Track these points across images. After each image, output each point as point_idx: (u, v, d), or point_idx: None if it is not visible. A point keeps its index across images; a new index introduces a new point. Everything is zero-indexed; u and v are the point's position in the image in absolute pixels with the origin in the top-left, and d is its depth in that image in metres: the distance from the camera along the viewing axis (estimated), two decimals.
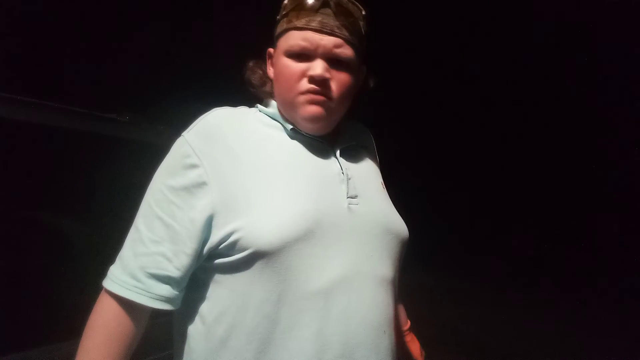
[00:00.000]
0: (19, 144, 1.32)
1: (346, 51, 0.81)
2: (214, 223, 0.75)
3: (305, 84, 0.80)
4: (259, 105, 0.92)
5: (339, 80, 0.81)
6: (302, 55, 0.80)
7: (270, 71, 0.89)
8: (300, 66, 0.80)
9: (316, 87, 0.80)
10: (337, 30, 0.79)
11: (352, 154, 0.92)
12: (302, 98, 0.80)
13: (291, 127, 0.85)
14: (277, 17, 0.86)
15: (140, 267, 0.75)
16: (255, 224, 0.72)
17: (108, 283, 0.77)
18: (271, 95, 0.90)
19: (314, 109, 0.81)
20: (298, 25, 0.80)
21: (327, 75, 0.79)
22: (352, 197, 0.83)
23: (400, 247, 0.88)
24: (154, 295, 0.75)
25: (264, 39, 0.91)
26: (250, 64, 0.95)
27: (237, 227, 0.73)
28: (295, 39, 0.80)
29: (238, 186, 0.75)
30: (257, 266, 0.72)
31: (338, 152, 0.88)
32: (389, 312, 0.81)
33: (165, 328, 0.87)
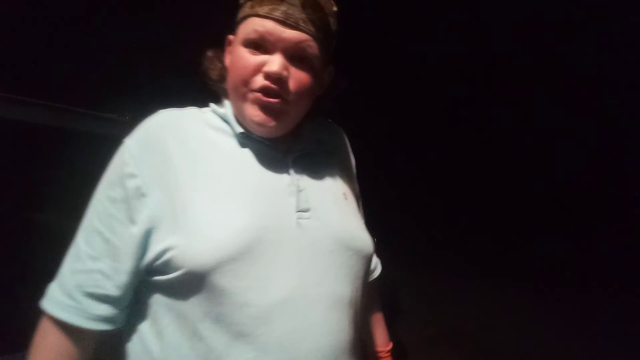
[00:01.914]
0: (19, 144, 1.32)
1: (310, 48, 0.72)
2: (152, 239, 0.68)
3: (258, 80, 0.71)
4: (212, 104, 0.82)
5: (297, 80, 0.72)
6: (261, 46, 0.71)
7: (228, 61, 0.79)
8: (256, 59, 0.71)
9: (270, 85, 0.70)
10: (302, 24, 0.70)
11: (311, 161, 0.81)
12: (253, 96, 0.71)
13: (241, 131, 0.76)
14: (240, 0, 0.76)
15: (77, 285, 0.70)
16: (189, 241, 0.66)
17: (45, 303, 0.71)
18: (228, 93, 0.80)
19: (263, 114, 0.72)
20: (260, 13, 0.70)
21: (285, 73, 0.70)
22: (302, 211, 0.74)
23: (361, 264, 0.78)
24: (92, 316, 0.69)
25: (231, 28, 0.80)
26: (209, 54, 0.83)
27: (171, 244, 0.66)
28: (254, 27, 0.70)
29: (176, 199, 0.69)
30: (193, 286, 0.66)
31: (291, 161, 0.78)
32: (345, 338, 0.72)
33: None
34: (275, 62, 0.70)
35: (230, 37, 0.78)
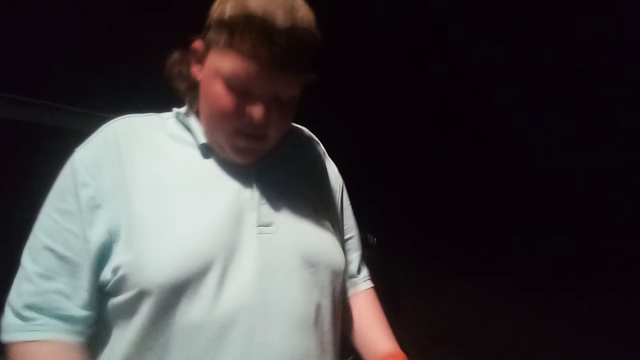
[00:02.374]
0: (19, 144, 1.32)
1: (293, 90, 0.67)
2: (108, 253, 0.65)
3: (240, 124, 0.66)
4: (175, 110, 0.76)
5: (280, 119, 0.68)
6: (241, 88, 0.64)
7: (196, 72, 0.71)
8: (236, 101, 0.64)
9: (253, 130, 0.66)
10: (287, 65, 0.62)
11: (277, 173, 0.76)
12: (234, 139, 0.67)
13: (203, 142, 0.71)
14: (215, 3, 0.67)
15: (30, 305, 0.64)
16: (140, 260, 0.62)
17: (5, 336, 0.64)
18: (195, 102, 0.73)
19: (246, 154, 0.69)
20: (241, 49, 0.61)
21: (267, 120, 0.65)
22: (263, 226, 0.69)
23: (330, 280, 0.73)
24: (58, 329, 0.64)
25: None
26: (175, 57, 0.75)
27: (123, 261, 0.63)
28: (236, 69, 0.62)
29: (130, 212, 0.64)
30: (144, 307, 0.62)
31: (254, 173, 0.73)
32: None
33: None
34: (258, 110, 0.64)
35: (197, 46, 0.69)
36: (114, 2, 2.25)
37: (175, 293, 0.62)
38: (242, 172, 0.73)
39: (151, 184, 0.67)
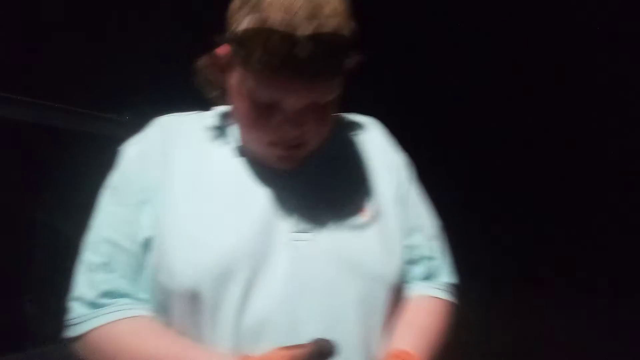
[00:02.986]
0: (19, 144, 1.32)
1: (327, 96, 0.60)
2: (149, 249, 0.65)
3: (274, 136, 0.61)
4: (216, 109, 0.75)
5: (318, 126, 0.62)
6: (270, 102, 0.59)
7: (224, 80, 0.67)
8: (266, 116, 0.60)
9: (288, 141, 0.62)
10: (314, 75, 0.56)
11: (320, 171, 0.70)
12: (271, 149, 0.63)
13: (239, 144, 0.69)
14: (238, 10, 0.59)
15: (104, 292, 0.65)
16: (165, 262, 0.62)
17: (81, 327, 0.63)
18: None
19: (286, 162, 0.65)
20: (266, 70, 0.55)
21: (302, 131, 0.61)
22: (300, 232, 0.63)
23: (381, 294, 0.65)
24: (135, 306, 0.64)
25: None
26: (203, 61, 0.71)
27: (154, 261, 0.64)
28: (261, 89, 0.58)
29: (163, 213, 0.64)
30: (172, 311, 0.62)
31: (290, 174, 0.68)
32: None
33: None
34: (291, 125, 0.59)
35: (220, 53, 0.65)
36: (116, 2, 2.25)
37: (197, 301, 0.59)
38: (279, 173, 0.67)
39: (185, 184, 0.66)
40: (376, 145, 0.78)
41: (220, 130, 0.72)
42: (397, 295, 0.69)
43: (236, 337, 0.59)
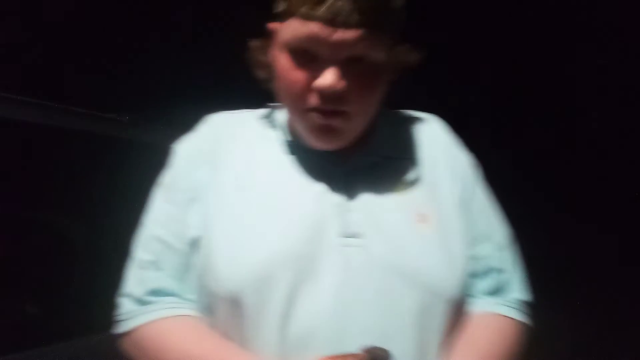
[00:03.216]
0: (19, 144, 1.32)
1: (369, 45, 0.56)
2: (197, 248, 0.65)
3: (312, 98, 0.58)
4: (269, 106, 0.73)
5: (358, 87, 0.58)
6: (307, 53, 0.57)
7: (272, 57, 0.66)
8: (304, 71, 0.58)
9: (325, 104, 0.58)
10: (354, 19, 0.53)
11: (375, 173, 0.66)
12: (310, 117, 0.59)
13: (290, 139, 0.67)
14: None
15: (152, 290, 0.65)
16: (208, 263, 0.61)
17: (128, 323, 0.64)
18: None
19: (321, 134, 0.61)
20: (300, 12, 0.55)
21: (340, 85, 0.56)
22: (350, 237, 0.59)
23: (439, 309, 0.58)
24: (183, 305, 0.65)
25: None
26: (254, 45, 0.69)
27: (198, 261, 0.63)
28: (295, 32, 0.56)
29: (209, 213, 0.63)
30: (217, 314, 0.61)
31: (344, 174, 0.65)
32: None
33: None
34: (326, 76, 0.56)
35: (272, 26, 0.63)
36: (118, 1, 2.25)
37: (240, 305, 0.57)
38: (331, 172, 0.65)
39: (233, 184, 0.64)
40: (438, 144, 0.72)
41: (270, 125, 0.71)
42: (458, 311, 0.62)
43: (281, 345, 0.55)
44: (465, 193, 0.69)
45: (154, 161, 0.83)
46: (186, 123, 0.81)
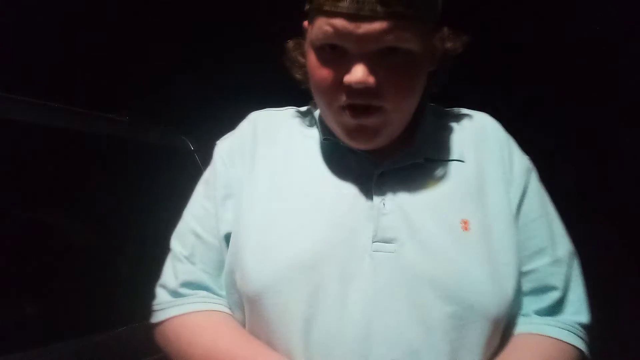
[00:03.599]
0: (19, 144, 1.32)
1: (400, 34, 0.52)
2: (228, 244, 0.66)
3: (343, 95, 0.55)
4: (311, 104, 0.72)
5: (392, 80, 0.54)
6: (336, 49, 0.55)
7: (304, 60, 0.65)
8: (333, 68, 0.55)
9: (356, 101, 0.55)
10: (378, 11, 0.50)
11: (415, 174, 0.61)
12: (343, 116, 0.57)
13: (325, 137, 0.64)
14: None
15: (186, 283, 0.66)
16: (236, 262, 0.61)
17: (162, 314, 0.65)
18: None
19: (356, 134, 0.58)
20: (325, 8, 0.53)
21: (371, 80, 0.53)
22: (382, 242, 0.56)
23: (478, 326, 0.53)
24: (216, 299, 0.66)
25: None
26: (290, 44, 0.68)
27: (228, 259, 0.64)
28: (321, 29, 0.54)
29: (242, 211, 0.63)
30: (246, 313, 0.61)
31: (377, 175, 0.61)
32: None
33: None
34: (355, 70, 0.53)
35: (305, 24, 0.61)
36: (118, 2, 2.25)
37: (263, 305, 0.56)
38: (368, 173, 0.61)
39: (268, 181, 0.64)
40: (490, 145, 0.66)
41: (310, 123, 0.71)
42: (504, 331, 0.57)
43: (304, 350, 0.54)
44: (520, 201, 0.63)
45: (154, 161, 0.83)
46: (186, 123, 0.81)
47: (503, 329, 0.58)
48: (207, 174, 0.71)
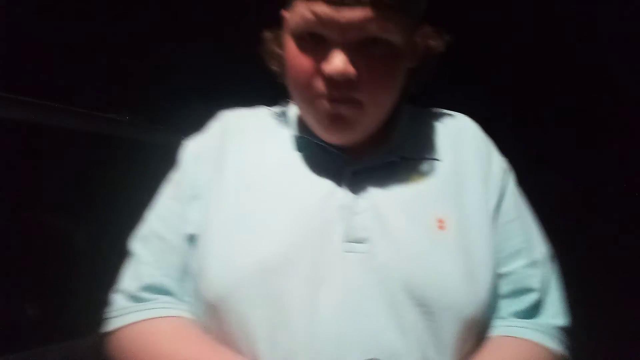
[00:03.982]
0: (19, 144, 1.32)
1: (382, 24, 0.50)
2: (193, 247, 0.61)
3: (320, 86, 0.53)
4: (283, 102, 0.71)
5: (372, 73, 0.52)
6: (315, 38, 0.52)
7: (281, 52, 0.63)
8: (312, 57, 0.53)
9: (336, 90, 0.52)
10: (360, 1, 0.48)
11: (388, 173, 0.59)
12: (318, 104, 0.55)
13: (301, 135, 0.63)
14: None
15: (148, 286, 0.61)
16: (201, 265, 0.57)
17: (120, 320, 0.60)
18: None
19: (332, 125, 0.56)
20: None
21: (350, 70, 0.51)
22: (354, 242, 0.53)
23: (452, 330, 0.51)
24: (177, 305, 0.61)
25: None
26: (268, 35, 0.66)
27: (193, 263, 0.60)
28: (300, 15, 0.52)
29: (208, 212, 0.60)
30: (211, 322, 0.57)
31: (351, 173, 0.59)
32: None
33: None
34: (334, 59, 0.50)
35: (286, 13, 0.58)
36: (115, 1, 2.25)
37: (228, 314, 0.53)
38: (341, 171, 0.59)
39: (235, 182, 0.61)
40: (468, 146, 0.65)
41: (282, 121, 0.68)
42: (479, 334, 0.56)
43: (272, 357, 0.50)
44: (497, 202, 0.62)
45: (154, 161, 0.83)
46: (186, 123, 0.81)
47: (479, 331, 0.56)
48: (174, 174, 0.68)
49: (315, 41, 0.52)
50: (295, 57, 0.54)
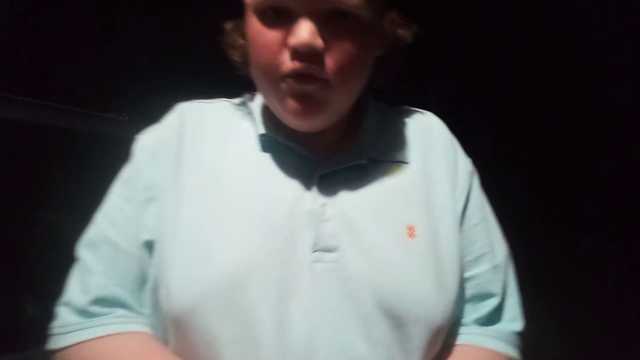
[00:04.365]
0: (19, 144, 1.32)
1: (348, 6, 0.48)
2: (151, 255, 0.55)
3: (285, 61, 0.49)
4: (246, 95, 0.66)
5: (339, 48, 0.49)
6: (280, 12, 0.49)
7: (244, 42, 0.59)
8: (276, 31, 0.49)
9: (302, 64, 0.48)
10: None
11: (357, 177, 0.57)
12: (284, 87, 0.51)
13: (262, 132, 0.58)
14: None
15: (98, 299, 0.54)
16: (160, 275, 0.51)
17: (67, 338, 0.53)
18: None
19: (298, 105, 0.51)
20: None
21: (318, 42, 0.47)
22: (323, 251, 0.50)
23: (422, 340, 0.50)
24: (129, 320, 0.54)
25: None
26: (228, 26, 0.62)
27: (152, 271, 0.54)
28: None
29: (168, 215, 0.54)
30: (171, 336, 0.52)
31: (318, 177, 0.56)
32: None
33: None
34: (300, 30, 0.47)
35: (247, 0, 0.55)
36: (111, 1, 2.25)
37: (191, 329, 0.48)
38: (308, 174, 0.56)
39: (195, 182, 0.55)
40: (435, 146, 0.63)
41: (245, 116, 0.63)
42: (445, 339, 0.54)
43: None
44: (465, 205, 0.60)
45: None
46: None
47: (446, 336, 0.55)
48: (126, 172, 0.60)
49: (280, 17, 0.49)
50: (259, 35, 0.50)
